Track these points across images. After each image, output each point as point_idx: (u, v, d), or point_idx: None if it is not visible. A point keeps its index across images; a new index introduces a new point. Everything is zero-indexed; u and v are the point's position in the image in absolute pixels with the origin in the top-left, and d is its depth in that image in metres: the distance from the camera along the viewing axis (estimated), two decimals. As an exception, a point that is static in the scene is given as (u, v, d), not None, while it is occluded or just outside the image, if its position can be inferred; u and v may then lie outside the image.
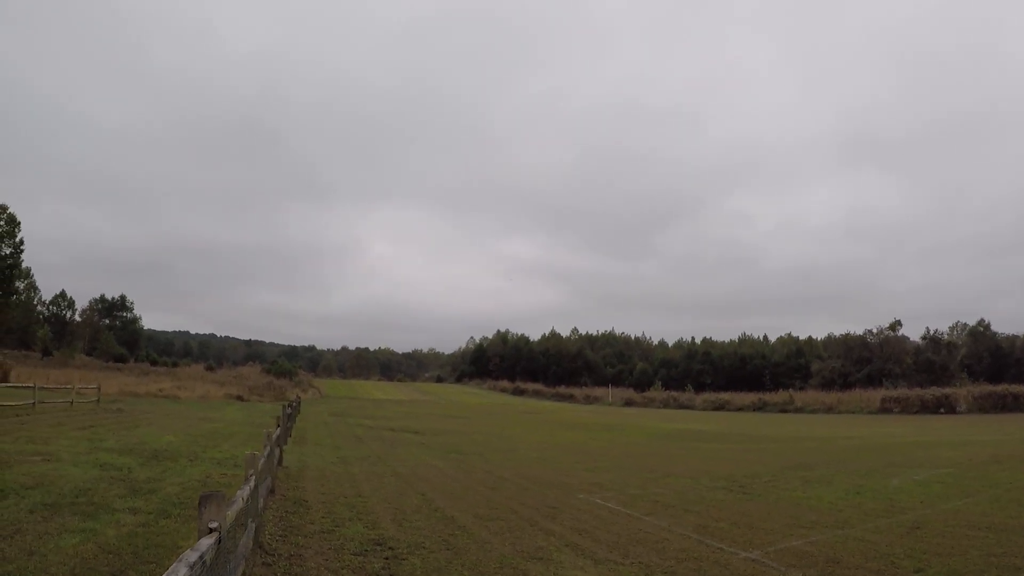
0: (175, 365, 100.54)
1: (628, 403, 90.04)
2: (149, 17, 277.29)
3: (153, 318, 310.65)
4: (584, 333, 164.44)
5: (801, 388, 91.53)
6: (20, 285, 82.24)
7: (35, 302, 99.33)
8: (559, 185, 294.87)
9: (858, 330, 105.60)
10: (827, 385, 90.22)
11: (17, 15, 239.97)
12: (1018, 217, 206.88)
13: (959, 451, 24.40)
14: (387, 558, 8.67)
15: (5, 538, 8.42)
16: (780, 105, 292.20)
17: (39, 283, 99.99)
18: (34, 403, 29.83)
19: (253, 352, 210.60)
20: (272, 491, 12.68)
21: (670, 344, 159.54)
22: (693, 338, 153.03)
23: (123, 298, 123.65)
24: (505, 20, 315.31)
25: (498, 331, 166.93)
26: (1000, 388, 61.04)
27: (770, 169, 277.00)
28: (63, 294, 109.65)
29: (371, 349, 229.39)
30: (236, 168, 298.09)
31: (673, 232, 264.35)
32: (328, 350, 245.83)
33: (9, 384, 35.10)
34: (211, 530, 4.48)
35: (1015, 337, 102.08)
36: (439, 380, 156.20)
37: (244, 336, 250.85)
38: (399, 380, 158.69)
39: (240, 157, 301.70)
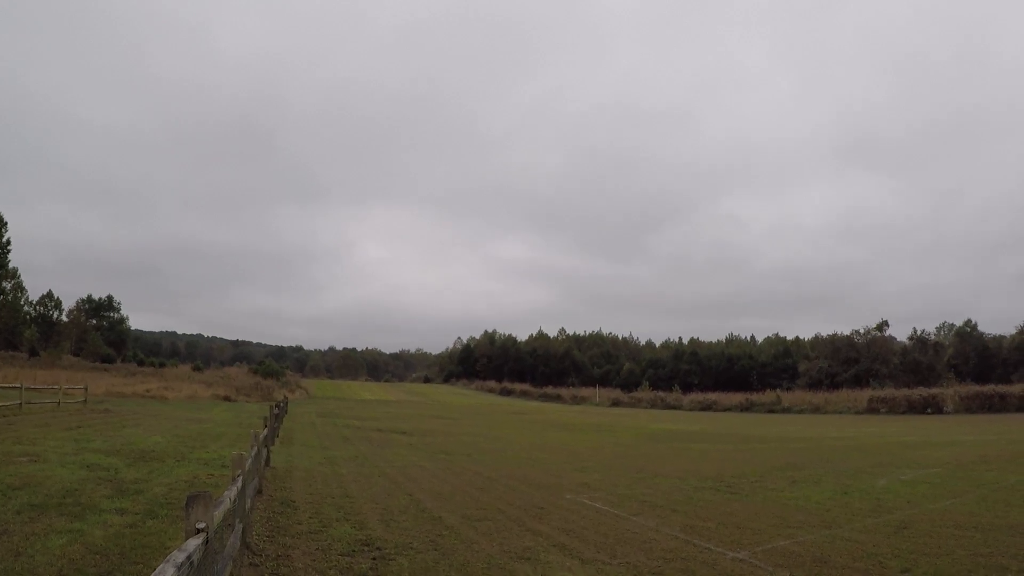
0: (162, 366, 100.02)
1: (615, 403, 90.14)
2: (144, 20, 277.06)
3: (140, 318, 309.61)
4: (572, 333, 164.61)
5: (788, 388, 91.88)
6: (7, 285, 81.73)
7: (22, 302, 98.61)
8: (551, 186, 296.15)
9: (846, 331, 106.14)
10: (814, 385, 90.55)
11: (12, 17, 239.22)
12: (1009, 218, 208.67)
13: (946, 451, 24.55)
14: (375, 558, 8.66)
15: (-9, 539, 8.38)
16: (775, 106, 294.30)
17: (28, 284, 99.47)
18: (21, 403, 29.62)
19: (240, 353, 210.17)
20: (260, 492, 12.64)
21: (657, 344, 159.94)
22: (680, 338, 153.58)
23: (110, 298, 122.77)
24: (499, 23, 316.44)
25: (485, 331, 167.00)
26: (987, 388, 61.37)
27: (764, 171, 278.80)
28: (50, 294, 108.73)
29: (358, 349, 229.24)
30: (227, 170, 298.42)
31: (664, 233, 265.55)
32: (316, 350, 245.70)
33: (-5, 384, 34.85)
34: (198, 530, 4.46)
35: (1002, 337, 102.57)
36: (427, 380, 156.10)
37: (231, 337, 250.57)
38: (386, 380, 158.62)
39: (232, 159, 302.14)
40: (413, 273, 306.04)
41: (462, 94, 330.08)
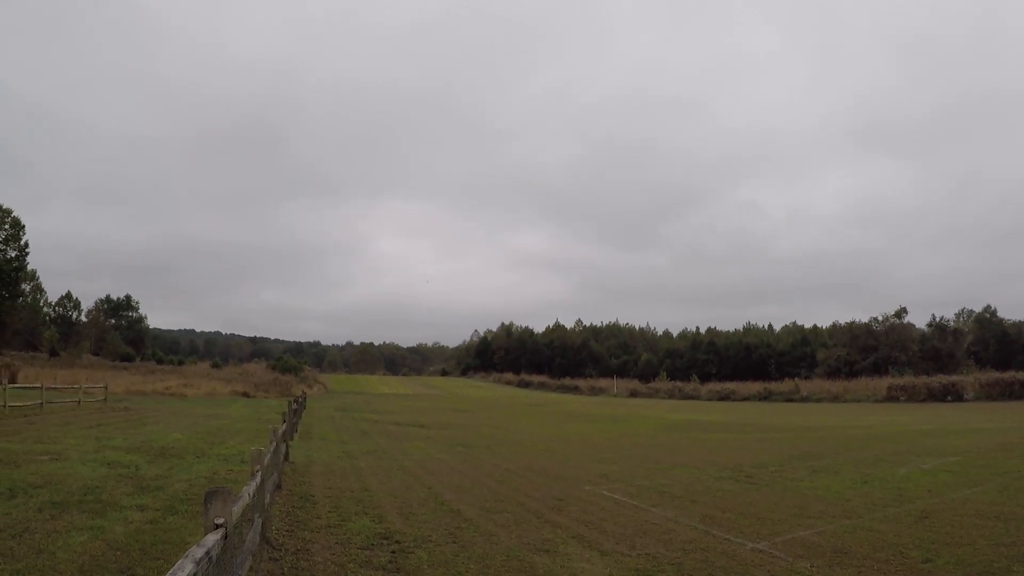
0: (181, 363, 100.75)
1: (633, 394, 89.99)
2: (156, 25, 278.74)
3: (158, 317, 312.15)
4: (588, 324, 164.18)
5: (807, 377, 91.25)
6: (26, 287, 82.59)
7: (41, 304, 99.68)
8: (565, 177, 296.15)
9: (864, 318, 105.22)
10: (833, 374, 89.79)
11: (28, 24, 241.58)
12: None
13: (967, 439, 24.34)
14: (394, 552, 8.68)
15: (14, 536, 8.46)
16: (789, 94, 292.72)
17: (46, 285, 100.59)
18: (42, 403, 29.92)
19: (259, 349, 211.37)
20: (279, 486, 12.70)
21: (675, 334, 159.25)
22: (698, 328, 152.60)
23: (128, 298, 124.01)
24: (511, 16, 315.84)
25: (502, 324, 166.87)
26: (1007, 375, 60.58)
27: (779, 158, 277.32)
28: (69, 295, 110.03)
29: (376, 344, 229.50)
30: (242, 168, 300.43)
31: (680, 222, 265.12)
32: (333, 346, 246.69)
33: (17, 385, 35.17)
34: (217, 526, 4.47)
35: (1022, 323, 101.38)
36: (444, 374, 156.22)
37: (249, 333, 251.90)
38: (404, 374, 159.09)
39: (246, 157, 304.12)
40: (427, 266, 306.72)
41: (474, 88, 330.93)
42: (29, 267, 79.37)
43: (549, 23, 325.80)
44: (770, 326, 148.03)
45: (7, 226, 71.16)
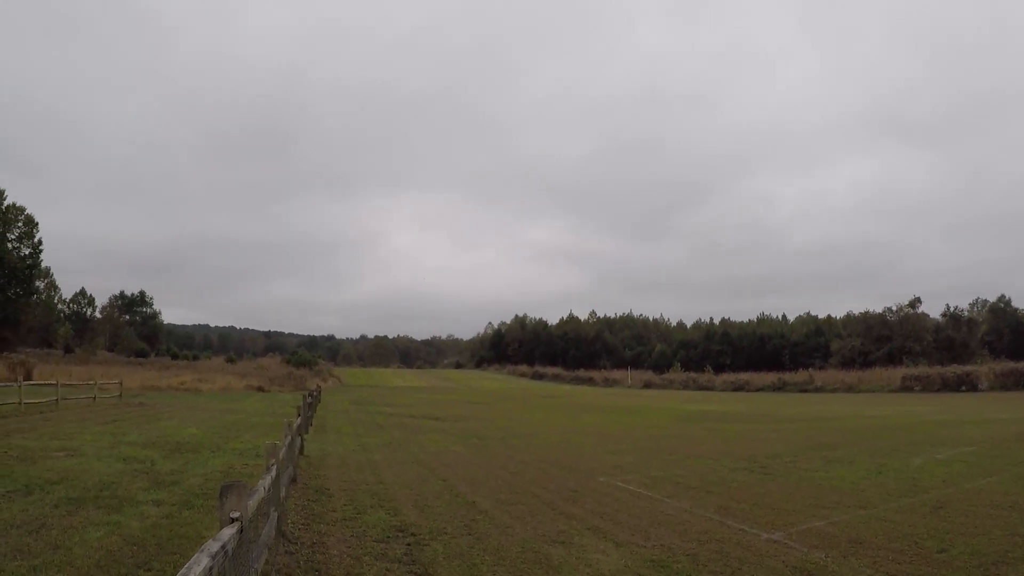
0: (195, 358, 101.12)
1: (647, 385, 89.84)
2: (169, 20, 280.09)
3: (173, 313, 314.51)
4: (602, 316, 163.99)
5: (821, 367, 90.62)
6: (40, 284, 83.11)
7: (56, 301, 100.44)
8: (579, 171, 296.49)
9: (878, 308, 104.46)
10: (847, 364, 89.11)
11: (43, 22, 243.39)
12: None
13: (981, 429, 24.21)
14: (409, 544, 8.70)
15: (31, 533, 8.52)
16: (804, 85, 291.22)
17: (60, 282, 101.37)
18: (57, 400, 30.12)
19: (273, 343, 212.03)
20: (294, 480, 12.75)
21: (688, 325, 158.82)
22: (711, 319, 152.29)
23: (142, 294, 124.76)
24: (518, 13, 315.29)
25: (516, 316, 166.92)
26: (1022, 365, 60.04)
27: (793, 150, 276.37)
28: (83, 292, 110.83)
29: (390, 337, 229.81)
30: (254, 165, 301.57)
31: (694, 215, 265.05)
32: (347, 339, 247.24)
33: (32, 382, 35.46)
34: (233, 520, 4.48)
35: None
36: (458, 366, 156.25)
37: (263, 328, 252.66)
38: (418, 367, 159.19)
39: (258, 155, 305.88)
40: (440, 259, 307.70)
41: (483, 85, 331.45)
42: (43, 264, 79.95)
43: (563, 17, 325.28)
44: (784, 317, 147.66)
45: (21, 224, 71.77)
